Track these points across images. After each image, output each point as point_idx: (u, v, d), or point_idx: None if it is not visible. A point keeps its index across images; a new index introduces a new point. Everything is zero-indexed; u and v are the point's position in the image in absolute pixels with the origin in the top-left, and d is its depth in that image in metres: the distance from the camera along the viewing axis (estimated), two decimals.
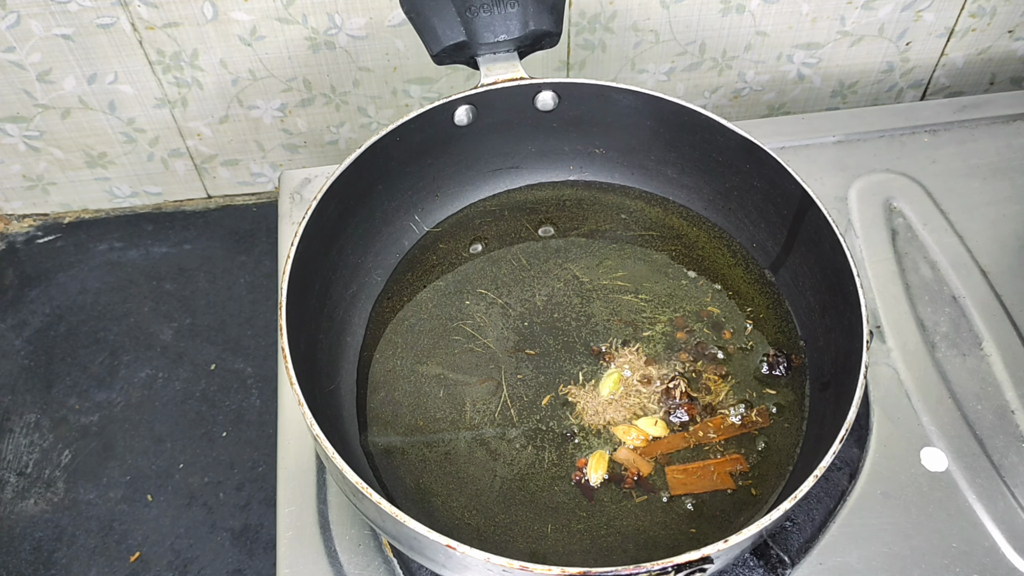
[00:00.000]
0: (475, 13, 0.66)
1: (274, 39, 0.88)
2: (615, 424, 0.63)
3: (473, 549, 0.48)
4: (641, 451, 0.62)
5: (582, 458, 0.61)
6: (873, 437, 0.66)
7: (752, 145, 0.67)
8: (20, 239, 1.02)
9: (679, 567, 0.48)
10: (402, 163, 0.70)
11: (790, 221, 0.67)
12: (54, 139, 0.95)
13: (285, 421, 0.68)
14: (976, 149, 0.85)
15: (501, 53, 0.68)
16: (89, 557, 0.81)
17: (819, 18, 0.92)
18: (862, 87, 1.01)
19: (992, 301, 0.74)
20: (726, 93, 1.00)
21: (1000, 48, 0.99)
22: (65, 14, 0.83)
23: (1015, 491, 0.63)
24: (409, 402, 0.64)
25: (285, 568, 0.61)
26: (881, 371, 0.70)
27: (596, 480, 0.60)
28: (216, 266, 1.00)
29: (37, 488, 0.84)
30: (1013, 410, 0.67)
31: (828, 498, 0.63)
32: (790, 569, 0.60)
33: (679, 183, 0.75)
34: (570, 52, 0.93)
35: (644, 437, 0.62)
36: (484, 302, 0.70)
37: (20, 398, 0.90)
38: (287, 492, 0.64)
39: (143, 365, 0.92)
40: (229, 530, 0.82)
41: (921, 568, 0.60)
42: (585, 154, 0.76)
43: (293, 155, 1.00)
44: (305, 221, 0.61)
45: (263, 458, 0.86)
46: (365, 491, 0.49)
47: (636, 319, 0.68)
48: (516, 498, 0.60)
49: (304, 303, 0.62)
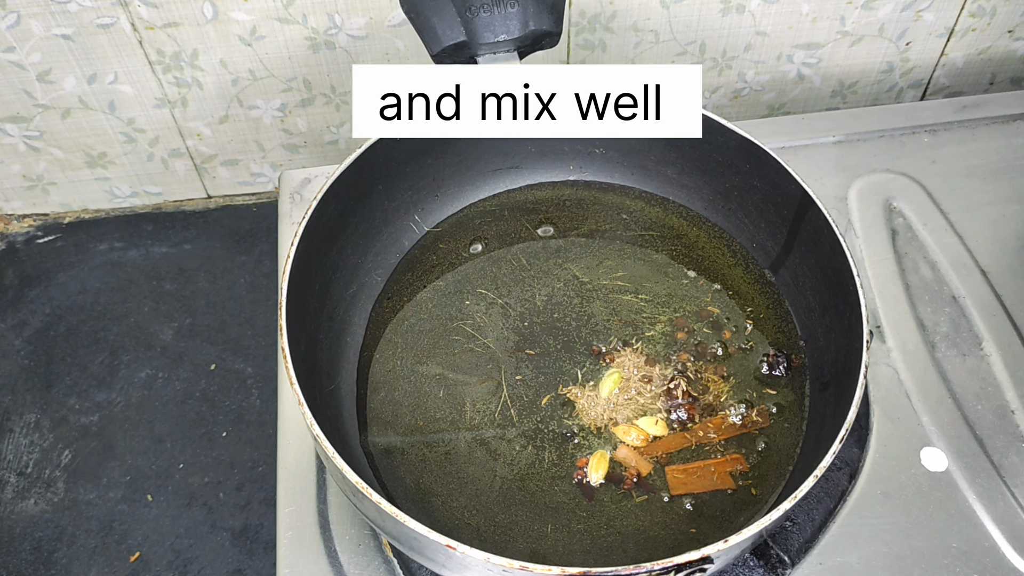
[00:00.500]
0: (475, 13, 0.66)
1: (274, 39, 0.88)
2: (615, 424, 0.63)
3: (473, 549, 0.48)
4: (641, 451, 0.62)
5: (583, 458, 0.61)
6: (873, 437, 0.66)
7: (752, 145, 0.67)
8: (20, 239, 1.02)
9: (679, 567, 0.48)
10: (402, 163, 0.70)
11: (790, 221, 0.67)
12: (54, 139, 0.95)
13: (285, 421, 0.68)
14: (976, 149, 0.85)
15: (501, 53, 0.68)
16: (89, 557, 0.81)
17: (819, 18, 0.92)
18: (862, 87, 1.01)
19: (992, 301, 0.74)
20: (726, 93, 1.00)
21: (1000, 48, 0.99)
22: (65, 14, 0.83)
23: (1015, 491, 0.63)
24: (409, 402, 0.64)
25: (285, 568, 0.61)
26: (881, 371, 0.70)
27: (597, 480, 0.60)
28: (216, 266, 1.00)
29: (37, 488, 0.84)
30: (1013, 410, 0.67)
31: (828, 498, 0.63)
32: (790, 569, 0.60)
33: (679, 183, 0.75)
34: (570, 52, 0.93)
35: (644, 437, 0.62)
36: (484, 302, 0.70)
37: (20, 398, 0.90)
38: (287, 492, 0.64)
39: (143, 365, 0.92)
40: (229, 530, 0.82)
41: (921, 568, 0.60)
42: (585, 154, 0.76)
43: (293, 155, 1.00)
44: (305, 221, 0.61)
45: (263, 458, 0.86)
46: (365, 491, 0.49)
47: (636, 319, 0.69)
48: (516, 498, 0.60)
49: (304, 303, 0.62)
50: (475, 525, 0.59)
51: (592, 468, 0.61)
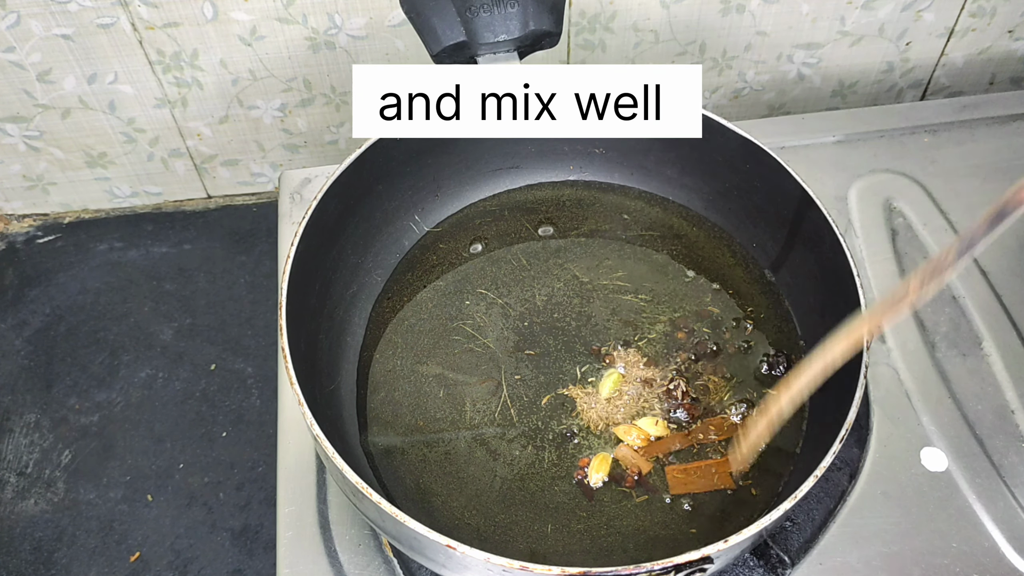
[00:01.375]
0: (475, 13, 0.66)
1: (274, 39, 0.88)
2: (615, 424, 0.63)
3: (473, 549, 0.48)
4: (642, 451, 0.62)
5: (583, 458, 0.61)
6: (873, 437, 0.66)
7: (752, 145, 0.67)
8: (20, 239, 1.02)
9: (679, 567, 0.48)
10: (402, 163, 0.70)
11: (790, 221, 0.67)
12: (54, 139, 0.95)
13: (285, 421, 0.68)
14: (976, 149, 0.85)
15: (501, 53, 0.68)
16: (89, 557, 0.81)
17: (819, 18, 0.92)
18: (862, 87, 1.01)
19: (992, 301, 0.74)
20: (726, 93, 1.00)
21: (1000, 48, 0.99)
22: (65, 14, 0.83)
23: (1015, 491, 0.63)
24: (409, 402, 0.64)
25: (285, 568, 0.61)
26: (881, 371, 0.70)
27: (597, 481, 0.60)
28: (216, 266, 1.00)
29: (37, 488, 0.84)
30: (1013, 410, 0.67)
31: (828, 498, 0.63)
32: (790, 569, 0.60)
33: (679, 183, 0.75)
34: (570, 52, 0.93)
35: (644, 437, 0.62)
36: (484, 302, 0.70)
37: (20, 398, 0.90)
38: (287, 492, 0.64)
39: (143, 365, 0.92)
40: (229, 530, 0.82)
41: (921, 568, 0.60)
42: (585, 154, 0.76)
43: (293, 155, 1.00)
44: (305, 221, 0.61)
45: (263, 458, 0.86)
46: (365, 491, 0.49)
47: (636, 319, 0.68)
48: (516, 498, 0.60)
49: (304, 303, 0.62)
50: (475, 525, 0.59)
51: (593, 469, 0.61)
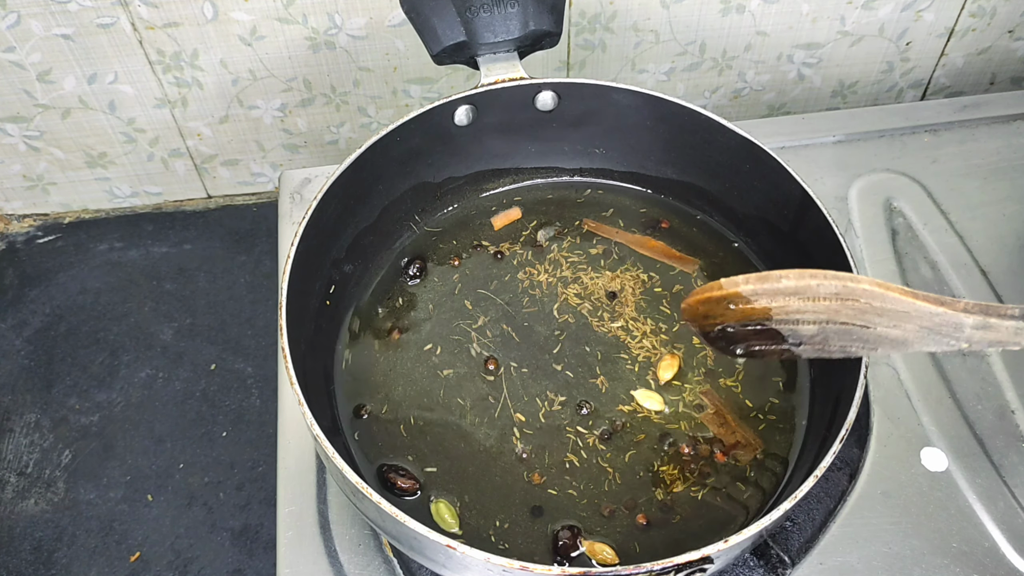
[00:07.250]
0: (475, 13, 0.66)
1: (274, 39, 0.88)
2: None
3: (473, 549, 0.48)
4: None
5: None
6: (873, 437, 0.66)
7: (752, 145, 0.67)
8: (20, 239, 1.02)
9: (679, 567, 0.48)
10: (402, 163, 0.70)
11: (790, 221, 0.67)
12: (54, 139, 0.95)
13: (285, 421, 0.68)
14: (976, 149, 0.85)
15: (501, 53, 0.69)
16: (89, 557, 0.81)
17: (819, 18, 0.92)
18: (862, 87, 1.01)
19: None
20: (726, 93, 1.00)
21: (1000, 48, 0.99)
22: (65, 14, 0.83)
23: (1015, 491, 0.63)
24: (409, 402, 0.64)
25: (285, 568, 0.61)
26: (881, 371, 0.70)
27: (666, 379, 0.64)
28: (216, 266, 1.00)
29: (37, 488, 0.84)
30: (1013, 410, 0.67)
31: (828, 498, 0.63)
32: (790, 569, 0.60)
33: (679, 183, 0.75)
34: (570, 52, 0.94)
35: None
36: (484, 302, 0.70)
37: (20, 398, 0.90)
38: (287, 492, 0.64)
39: (143, 365, 0.92)
40: (229, 530, 0.82)
41: (921, 568, 0.60)
42: (585, 154, 0.76)
43: (293, 155, 1.01)
44: (305, 221, 0.61)
45: (263, 458, 0.86)
46: (365, 491, 0.49)
47: (637, 319, 0.68)
48: (516, 497, 0.60)
49: (304, 303, 0.62)
50: (475, 525, 0.59)
51: (664, 368, 0.64)
